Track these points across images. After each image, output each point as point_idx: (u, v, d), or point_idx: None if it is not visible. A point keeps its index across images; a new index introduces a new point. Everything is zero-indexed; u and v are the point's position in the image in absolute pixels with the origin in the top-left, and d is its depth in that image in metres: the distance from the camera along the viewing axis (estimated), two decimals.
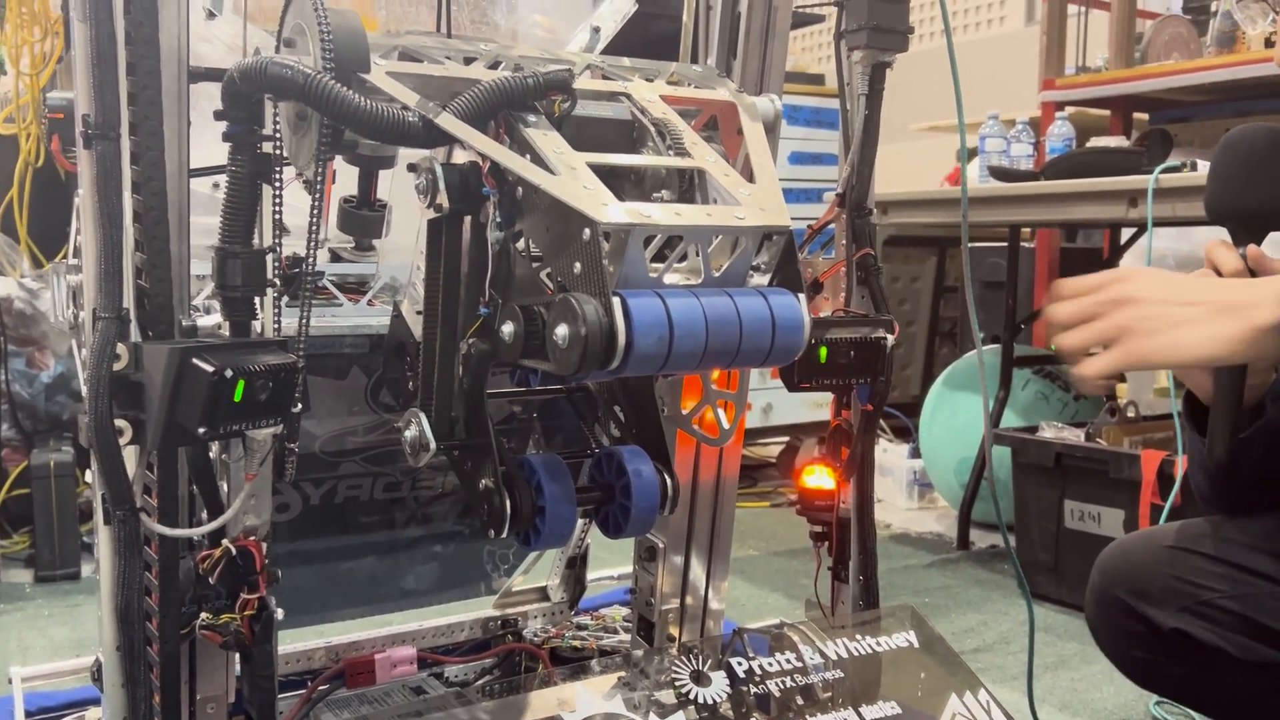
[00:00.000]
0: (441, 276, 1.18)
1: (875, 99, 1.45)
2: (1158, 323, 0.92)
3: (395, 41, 1.19)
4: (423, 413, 1.21)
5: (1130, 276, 0.97)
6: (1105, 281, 0.98)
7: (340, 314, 1.46)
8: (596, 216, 0.99)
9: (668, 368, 1.02)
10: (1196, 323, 0.91)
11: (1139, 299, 0.94)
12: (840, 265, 1.50)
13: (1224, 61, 3.25)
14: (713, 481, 1.68)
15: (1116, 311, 0.95)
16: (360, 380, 1.60)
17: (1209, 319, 0.91)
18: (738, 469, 1.68)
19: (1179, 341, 0.91)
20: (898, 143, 4.61)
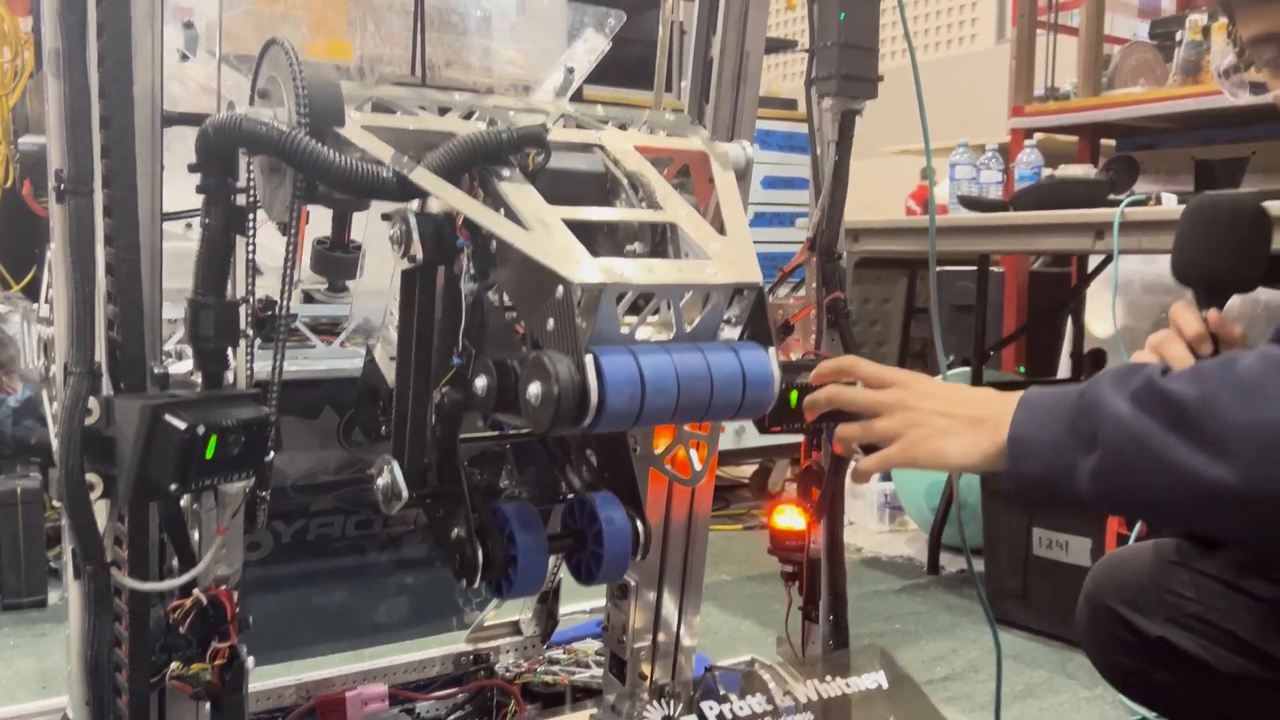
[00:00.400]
0: (415, 326, 1.19)
1: (845, 145, 1.47)
2: (926, 431, 1.03)
3: (369, 92, 1.20)
4: (395, 460, 1.22)
5: (908, 384, 1.08)
6: (889, 382, 1.09)
7: (313, 355, 1.46)
8: (569, 275, 1.00)
9: (640, 424, 1.03)
10: (956, 434, 1.01)
11: (912, 407, 1.04)
12: (810, 308, 1.52)
13: (1188, 92, 3.31)
14: (685, 519, 1.69)
15: (893, 416, 1.05)
16: (332, 419, 1.60)
17: (965, 431, 1.00)
18: (710, 507, 1.69)
19: (943, 450, 1.01)
20: (870, 159, 4.67)
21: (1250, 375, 0.88)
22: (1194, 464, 0.87)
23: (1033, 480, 0.96)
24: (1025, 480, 0.96)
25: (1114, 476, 0.92)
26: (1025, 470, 0.96)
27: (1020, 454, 0.96)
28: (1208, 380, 0.90)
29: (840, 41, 1.43)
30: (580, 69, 1.72)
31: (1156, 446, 0.89)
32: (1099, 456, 0.92)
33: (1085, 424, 0.94)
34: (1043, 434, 0.96)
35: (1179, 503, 0.90)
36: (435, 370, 1.19)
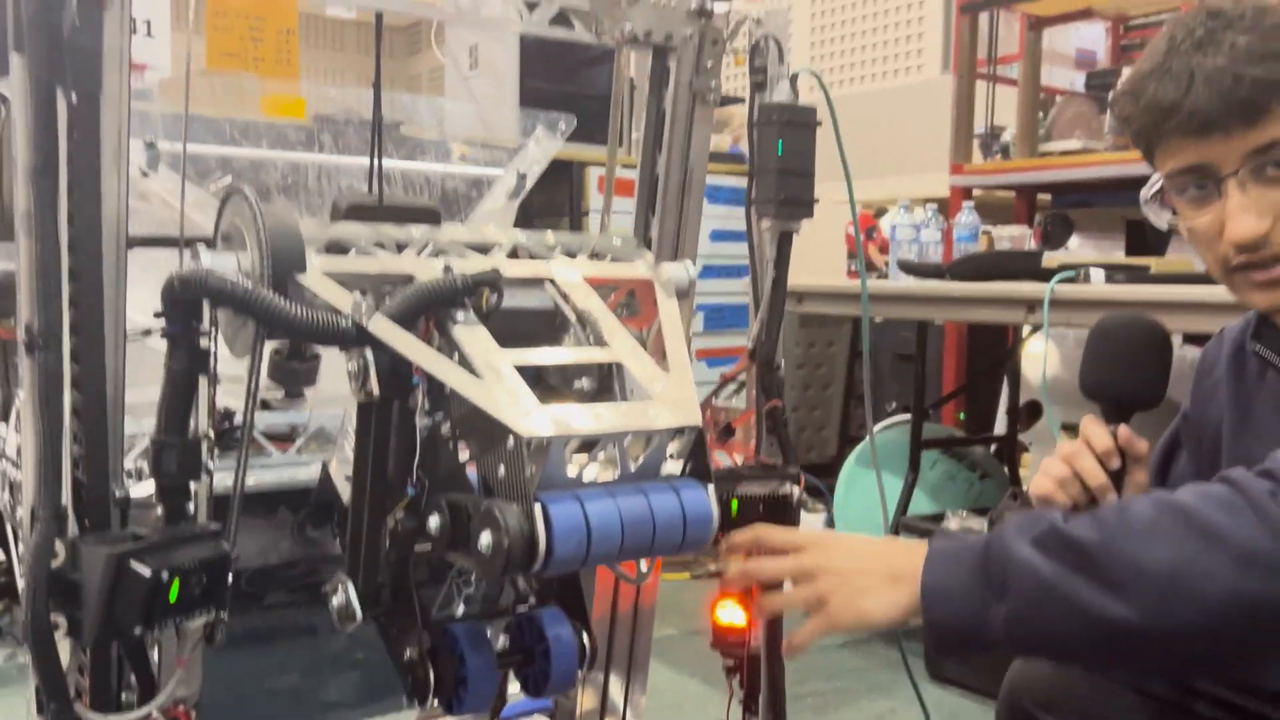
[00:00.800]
0: (370, 456, 1.24)
1: (783, 263, 1.55)
2: (845, 592, 1.06)
3: (328, 233, 1.25)
4: (349, 579, 1.26)
5: (821, 545, 1.12)
6: (803, 545, 1.12)
7: (269, 464, 1.51)
8: (519, 428, 1.06)
9: (586, 565, 1.10)
10: (874, 591, 1.05)
11: (828, 570, 1.08)
12: (750, 415, 1.59)
13: (1119, 157, 3.45)
14: (631, 609, 1.75)
15: (813, 582, 1.09)
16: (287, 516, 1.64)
17: (883, 587, 1.05)
18: (655, 597, 1.75)
19: (864, 609, 1.05)
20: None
21: (1146, 519, 0.96)
22: (1099, 604, 0.93)
23: (948, 629, 1.01)
24: (940, 629, 1.01)
25: (1026, 621, 0.97)
26: (939, 619, 1.01)
27: (933, 604, 1.01)
28: (1107, 525, 0.96)
29: (778, 168, 1.51)
30: (531, 173, 1.78)
31: (1064, 589, 0.95)
32: (1010, 603, 0.98)
33: (995, 572, 0.99)
34: (953, 583, 1.01)
35: (1088, 643, 0.96)
36: (390, 498, 1.24)
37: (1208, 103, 1.05)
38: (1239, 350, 1.26)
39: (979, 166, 3.90)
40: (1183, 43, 1.08)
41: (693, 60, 1.55)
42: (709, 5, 1.53)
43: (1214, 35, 1.06)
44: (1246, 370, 1.24)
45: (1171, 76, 1.07)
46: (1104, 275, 2.58)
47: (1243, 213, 1.07)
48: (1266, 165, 1.05)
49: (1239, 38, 1.04)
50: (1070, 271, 2.62)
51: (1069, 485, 1.18)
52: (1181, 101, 1.06)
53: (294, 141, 2.02)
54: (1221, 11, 1.07)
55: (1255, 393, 1.22)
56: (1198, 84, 1.05)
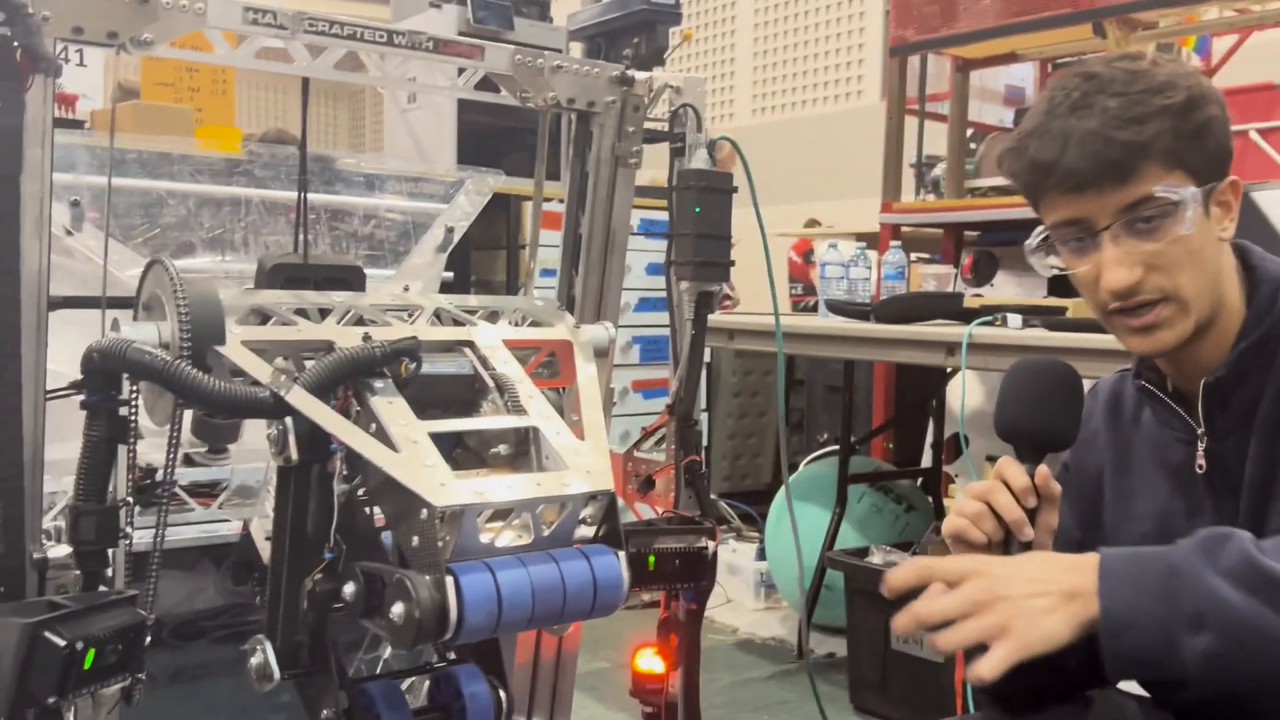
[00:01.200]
0: (289, 519, 1.26)
1: (701, 323, 1.60)
2: (1027, 616, 1.01)
3: (250, 301, 1.28)
4: (268, 640, 1.28)
5: (984, 571, 1.06)
6: (965, 575, 1.06)
7: (191, 519, 1.52)
8: (433, 499, 1.10)
9: (496, 633, 1.13)
10: (1055, 611, 1.01)
11: (1003, 595, 1.03)
12: (669, 468, 1.64)
13: None
14: (554, 654, 1.79)
15: (987, 612, 1.03)
16: (210, 569, 1.65)
17: (1062, 606, 1.01)
18: (578, 643, 1.79)
19: (1051, 630, 1.01)
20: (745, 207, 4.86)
21: None
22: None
23: (1132, 659, 0.98)
24: (1124, 658, 0.98)
25: (1225, 660, 0.94)
26: (1124, 649, 0.98)
27: (1118, 632, 0.96)
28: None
29: (695, 232, 1.56)
30: (459, 227, 1.81)
31: (1269, 630, 0.93)
32: (1206, 639, 0.95)
33: (1187, 604, 0.97)
34: (1139, 613, 0.98)
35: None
36: (308, 561, 1.27)
37: (1081, 163, 1.12)
38: (1114, 399, 1.33)
39: (907, 205, 4.00)
40: (1060, 105, 1.14)
41: (615, 125, 1.60)
42: (630, 73, 1.58)
43: (1088, 98, 1.12)
44: (1123, 416, 1.31)
45: (1050, 137, 1.14)
46: (1020, 320, 2.67)
47: (1115, 265, 1.14)
48: (1137, 220, 1.12)
49: (1110, 101, 1.11)
50: (989, 316, 2.70)
51: (983, 521, 1.17)
52: (1058, 161, 1.13)
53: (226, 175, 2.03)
54: (1097, 75, 1.13)
55: (1133, 434, 1.29)
56: (1072, 145, 1.11)
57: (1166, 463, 1.24)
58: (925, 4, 3.92)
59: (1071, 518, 1.35)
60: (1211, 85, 1.13)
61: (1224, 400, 1.16)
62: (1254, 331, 1.14)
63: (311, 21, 1.36)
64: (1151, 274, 1.13)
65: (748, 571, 3.90)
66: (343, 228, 1.76)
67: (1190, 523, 1.20)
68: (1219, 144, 1.12)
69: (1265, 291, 1.15)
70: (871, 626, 2.90)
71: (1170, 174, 1.10)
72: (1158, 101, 1.09)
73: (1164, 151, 1.09)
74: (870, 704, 2.88)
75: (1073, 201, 1.15)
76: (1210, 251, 1.13)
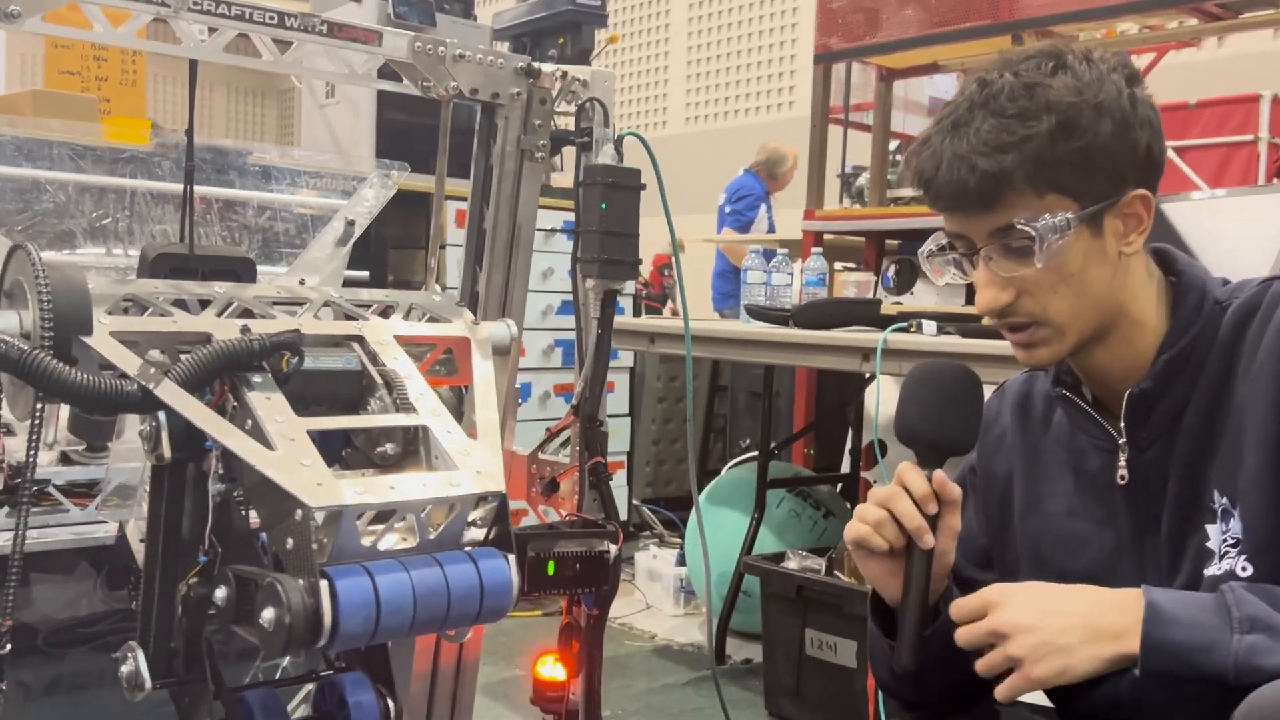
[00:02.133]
0: (163, 520, 1.20)
1: (607, 322, 1.56)
2: (1044, 650, 1.04)
3: (123, 290, 1.21)
4: (140, 648, 1.22)
5: (1004, 603, 1.08)
6: (986, 607, 1.09)
7: (66, 520, 1.45)
8: (309, 500, 1.04)
9: (374, 641, 1.08)
10: (1078, 647, 1.03)
11: (1021, 627, 1.06)
12: (573, 470, 1.60)
13: None
14: (454, 663, 1.74)
15: (1006, 644, 1.06)
16: (89, 573, 1.58)
17: (1088, 642, 1.03)
18: (479, 650, 1.74)
19: (1067, 666, 1.03)
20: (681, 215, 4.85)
21: None
22: None
23: (1173, 648, 0.99)
24: (1165, 649, 0.99)
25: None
26: (1167, 637, 1.00)
27: (1161, 620, 1.00)
28: None
29: (601, 229, 1.52)
30: (361, 221, 1.75)
31: None
32: (1261, 639, 0.97)
33: (1239, 612, 0.99)
34: (1188, 608, 1.01)
35: None
36: (182, 564, 1.21)
37: (948, 188, 1.11)
38: (1023, 399, 1.32)
39: (830, 212, 4.02)
40: (946, 119, 1.12)
41: (521, 118, 1.56)
42: (536, 65, 1.54)
43: (969, 116, 1.10)
44: (1032, 418, 1.30)
45: (929, 154, 1.13)
46: (935, 327, 2.68)
47: (984, 286, 1.14)
48: (1008, 243, 1.11)
49: (984, 123, 1.08)
50: (904, 323, 2.71)
51: (885, 528, 1.17)
52: (933, 180, 1.12)
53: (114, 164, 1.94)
54: (989, 84, 1.11)
55: (1042, 437, 1.28)
56: (943, 168, 1.10)
57: (1080, 469, 1.23)
58: (849, 13, 3.95)
59: (978, 522, 1.34)
60: (1120, 97, 1.09)
61: (1148, 411, 1.15)
62: (1178, 342, 1.13)
63: (197, 1, 1.30)
64: (1023, 297, 1.13)
65: (668, 577, 3.87)
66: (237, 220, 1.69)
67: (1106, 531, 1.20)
68: (1110, 161, 1.09)
69: (1190, 301, 1.14)
70: (787, 632, 2.89)
71: (1042, 199, 1.09)
72: (1022, 130, 1.07)
73: (1029, 179, 1.08)
74: (785, 710, 2.87)
75: (952, 218, 1.15)
76: (1097, 271, 1.11)
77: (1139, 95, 1.10)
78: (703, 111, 12.41)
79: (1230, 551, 1.08)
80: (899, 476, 1.20)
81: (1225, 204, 2.53)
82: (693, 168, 7.85)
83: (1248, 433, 1.07)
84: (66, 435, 1.36)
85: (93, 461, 1.50)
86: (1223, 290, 1.15)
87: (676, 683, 3.16)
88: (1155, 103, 1.13)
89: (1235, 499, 1.08)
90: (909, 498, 1.17)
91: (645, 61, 12.45)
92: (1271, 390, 1.06)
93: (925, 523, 1.16)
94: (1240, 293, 1.13)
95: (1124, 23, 3.72)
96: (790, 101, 11.98)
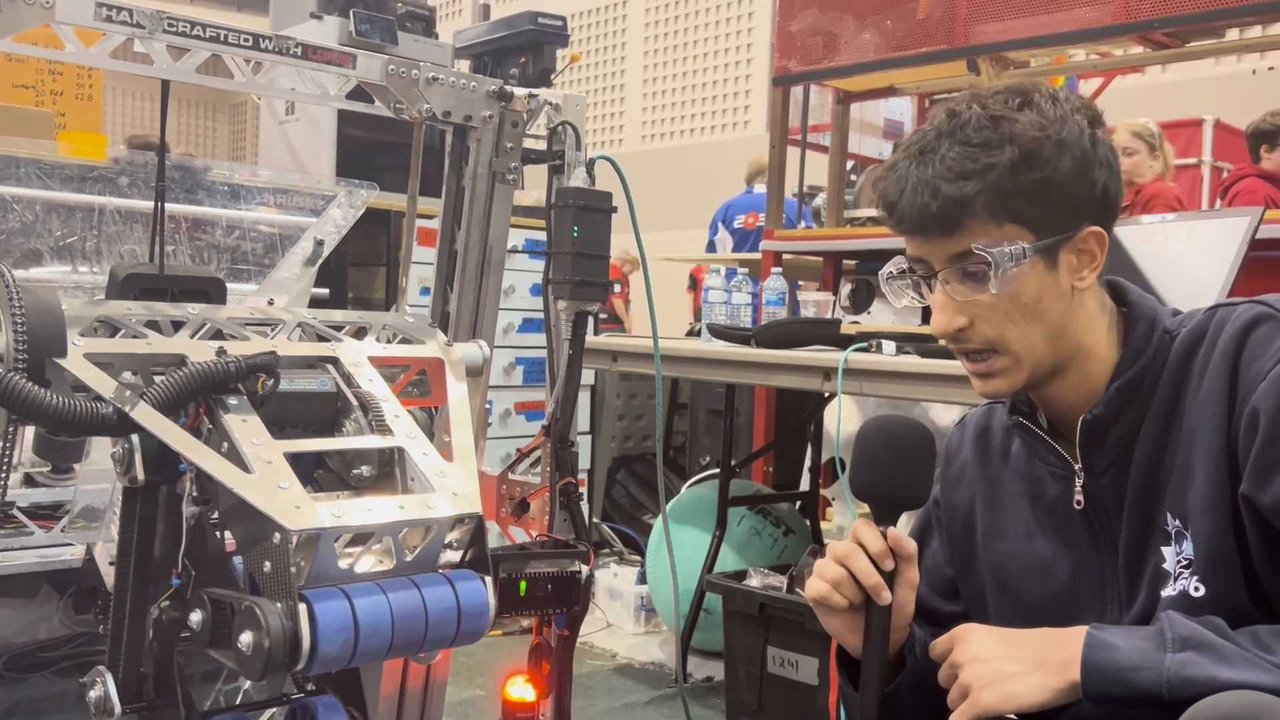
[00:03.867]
0: (135, 542, 1.19)
1: (578, 343, 1.57)
2: (992, 677, 1.10)
3: (96, 312, 1.21)
4: (109, 672, 1.21)
5: (967, 637, 1.15)
6: (950, 642, 1.17)
7: (30, 542, 1.43)
8: (287, 523, 1.04)
9: (353, 664, 1.08)
10: (1023, 675, 1.09)
11: (974, 658, 1.13)
12: (544, 490, 1.60)
13: None
14: (422, 685, 1.73)
15: (961, 672, 1.13)
16: (52, 596, 1.55)
17: (1034, 671, 1.09)
18: (447, 671, 1.73)
19: (1012, 693, 1.09)
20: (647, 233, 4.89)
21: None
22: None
23: (1112, 670, 1.04)
24: (1105, 670, 1.05)
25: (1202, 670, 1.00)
26: (1108, 659, 1.05)
27: (1101, 644, 1.06)
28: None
29: (574, 251, 1.53)
30: (329, 241, 1.75)
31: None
32: (1192, 655, 1.02)
33: (1173, 633, 1.04)
34: (1127, 636, 1.06)
35: None
36: (154, 587, 1.20)
37: (910, 212, 1.14)
38: (982, 431, 1.35)
39: (789, 233, 4.06)
40: (914, 145, 1.16)
41: (493, 141, 1.57)
42: (508, 89, 1.55)
43: (936, 143, 1.14)
44: (991, 450, 1.32)
45: (895, 177, 1.16)
46: (894, 347, 2.72)
47: (940, 310, 1.17)
48: (965, 269, 1.14)
49: (950, 151, 1.12)
50: (864, 343, 2.75)
51: (843, 586, 1.19)
52: (897, 203, 1.16)
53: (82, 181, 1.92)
54: (957, 115, 1.14)
55: (1001, 468, 1.30)
56: (907, 192, 1.14)
57: (1038, 497, 1.25)
58: (808, 36, 4.00)
59: (943, 554, 1.36)
60: (1081, 136, 1.12)
61: (1101, 437, 1.18)
62: (1129, 370, 1.16)
63: (171, 21, 1.30)
64: (978, 323, 1.16)
65: (628, 595, 3.87)
66: (205, 239, 1.68)
67: (1067, 556, 1.22)
68: (1068, 196, 1.12)
69: (1140, 330, 1.17)
70: (748, 650, 2.90)
71: (1001, 228, 1.12)
72: (985, 159, 1.10)
73: (988, 206, 1.11)
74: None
75: (914, 241, 1.18)
76: (1051, 303, 1.14)
77: (1100, 137, 1.14)
78: (659, 130, 12.47)
79: (1184, 572, 1.11)
80: (855, 534, 1.22)
81: (1175, 228, 2.59)
82: (649, 185, 7.91)
83: (1196, 456, 1.11)
84: (31, 457, 1.34)
85: (58, 483, 1.48)
86: (1172, 320, 1.18)
87: (639, 701, 3.16)
88: (1116, 146, 1.17)
89: (1187, 521, 1.11)
90: (865, 555, 1.19)
91: (602, 80, 12.49)
92: (1218, 414, 1.09)
93: (882, 579, 1.19)
94: (1188, 322, 1.17)
95: (1075, 49, 3.81)
96: (746, 121, 12.10)
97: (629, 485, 5.05)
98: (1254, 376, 1.07)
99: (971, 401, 2.73)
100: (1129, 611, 1.15)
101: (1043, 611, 1.21)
